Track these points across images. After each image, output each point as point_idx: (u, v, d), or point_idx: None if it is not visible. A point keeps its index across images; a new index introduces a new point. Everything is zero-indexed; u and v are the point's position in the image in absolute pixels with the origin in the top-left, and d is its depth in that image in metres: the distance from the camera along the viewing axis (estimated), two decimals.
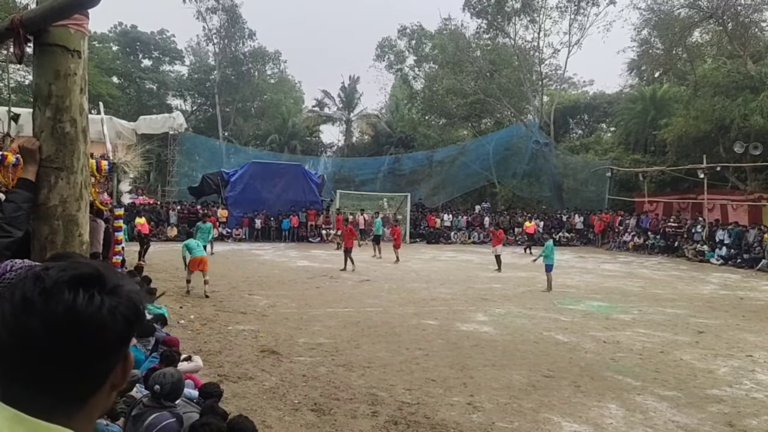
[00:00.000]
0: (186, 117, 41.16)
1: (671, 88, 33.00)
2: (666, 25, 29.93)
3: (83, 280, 0.88)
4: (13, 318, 0.86)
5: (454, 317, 10.73)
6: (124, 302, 0.90)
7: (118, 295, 0.90)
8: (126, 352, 0.95)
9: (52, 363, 0.85)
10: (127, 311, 0.90)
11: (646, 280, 17.03)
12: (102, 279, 0.90)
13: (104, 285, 0.89)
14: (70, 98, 2.21)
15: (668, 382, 7.07)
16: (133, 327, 0.92)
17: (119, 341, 0.91)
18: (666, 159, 29.90)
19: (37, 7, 2.11)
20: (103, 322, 0.86)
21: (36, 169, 2.23)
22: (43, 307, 0.85)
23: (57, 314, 0.84)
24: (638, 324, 10.60)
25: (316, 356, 7.81)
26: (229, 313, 10.55)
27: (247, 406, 5.81)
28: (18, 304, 0.86)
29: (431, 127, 41.53)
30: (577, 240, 30.82)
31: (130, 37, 49.34)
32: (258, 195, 28.30)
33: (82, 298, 0.86)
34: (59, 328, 0.84)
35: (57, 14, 2.01)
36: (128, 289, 0.92)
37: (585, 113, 42.93)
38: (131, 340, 0.95)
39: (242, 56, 47.07)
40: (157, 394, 3.38)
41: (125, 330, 0.90)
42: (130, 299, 0.91)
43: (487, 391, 6.54)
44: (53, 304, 0.85)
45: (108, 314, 0.87)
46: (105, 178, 10.08)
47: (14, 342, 0.85)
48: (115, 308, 0.88)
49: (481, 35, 38.51)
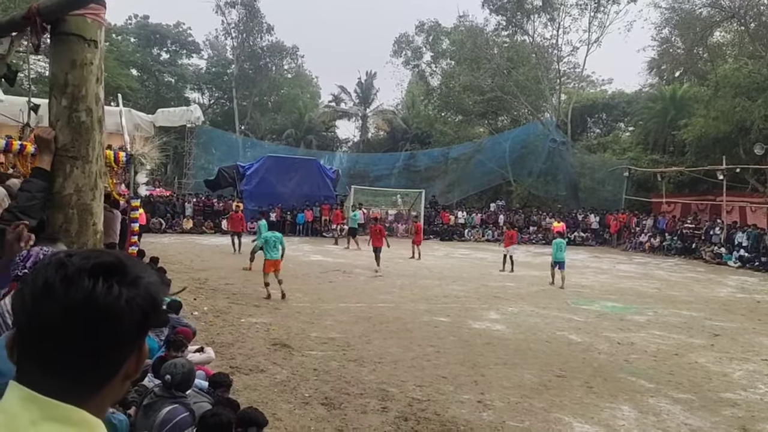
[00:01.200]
0: (203, 110, 41.38)
1: (691, 88, 32.56)
2: (687, 25, 29.52)
3: (104, 269, 0.89)
4: (32, 301, 0.88)
5: (467, 315, 10.70)
6: (142, 294, 0.91)
7: (137, 287, 0.91)
8: (141, 344, 0.96)
9: (67, 349, 0.87)
10: (144, 303, 0.91)
11: (662, 282, 16.85)
12: (123, 269, 0.91)
13: (125, 275, 0.90)
14: (86, 87, 2.22)
15: (682, 384, 6.99)
16: (150, 319, 0.93)
17: (135, 332, 0.92)
18: (685, 160, 29.54)
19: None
20: (120, 313, 0.88)
21: (51, 159, 2.25)
22: (63, 294, 0.86)
23: (75, 301, 0.86)
24: (653, 326, 10.49)
25: (328, 350, 7.83)
26: (243, 305, 10.60)
27: (258, 399, 5.84)
28: (39, 289, 0.88)
29: (447, 124, 41.38)
30: (593, 240, 30.55)
31: (148, 30, 49.67)
32: (273, 189, 28.37)
33: (101, 287, 0.87)
34: (77, 315, 0.86)
35: (73, 3, 2.02)
36: (148, 282, 0.93)
37: (603, 112, 42.52)
38: (147, 332, 0.97)
39: (260, 50, 47.20)
40: (168, 383, 3.41)
41: (141, 321, 0.91)
42: (149, 291, 0.92)
43: (498, 390, 6.51)
44: (73, 291, 0.86)
45: (125, 305, 0.88)
46: (122, 170, 10.17)
47: (32, 325, 0.88)
48: (132, 299, 0.89)
49: (500, 32, 38.27)
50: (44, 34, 2.11)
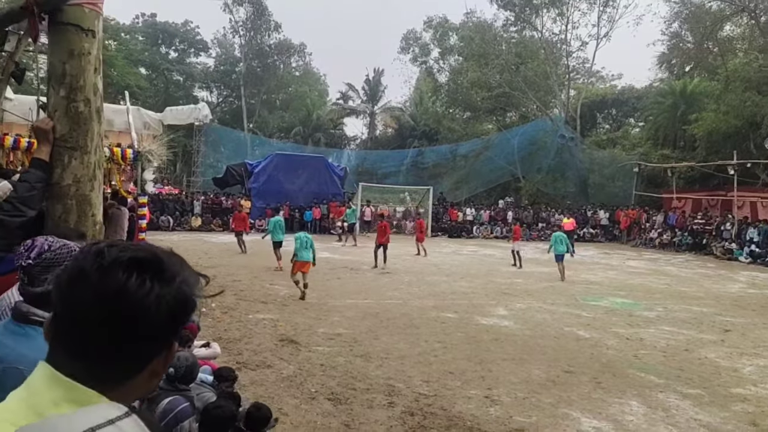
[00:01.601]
0: (212, 108, 41.52)
1: (702, 82, 32.30)
2: (697, 19, 29.30)
3: (140, 263, 0.90)
4: (67, 287, 0.91)
5: (474, 311, 10.66)
6: (173, 292, 0.91)
7: (170, 285, 0.91)
8: (170, 343, 0.97)
9: (95, 336, 0.89)
10: (174, 302, 0.91)
11: (672, 278, 16.72)
12: (159, 265, 0.92)
13: (160, 272, 0.91)
14: (84, 78, 2.21)
15: (692, 380, 6.92)
16: (178, 319, 0.94)
17: (163, 330, 0.93)
18: (695, 155, 29.32)
19: None
20: (148, 308, 0.88)
21: (49, 149, 2.24)
22: (96, 283, 0.88)
23: (107, 292, 0.87)
24: (663, 321, 10.40)
25: (335, 346, 7.82)
26: (250, 302, 10.62)
27: (264, 394, 5.84)
28: (75, 275, 0.90)
29: (455, 121, 41.28)
30: (602, 236, 30.39)
31: (156, 29, 49.87)
32: (281, 186, 28.44)
33: (134, 281, 0.88)
34: (107, 305, 0.88)
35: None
36: (182, 281, 0.94)
37: (613, 107, 42.27)
38: (177, 333, 0.97)
39: (268, 48, 47.29)
40: (171, 377, 3.41)
41: (170, 319, 0.92)
42: (181, 290, 0.93)
43: (506, 385, 6.48)
44: (106, 281, 0.88)
45: (155, 301, 0.89)
46: (130, 167, 10.21)
47: (65, 310, 0.91)
48: (162, 297, 0.90)
49: (508, 28, 38.12)
50: (41, 23, 2.11)
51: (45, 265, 1.80)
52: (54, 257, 1.80)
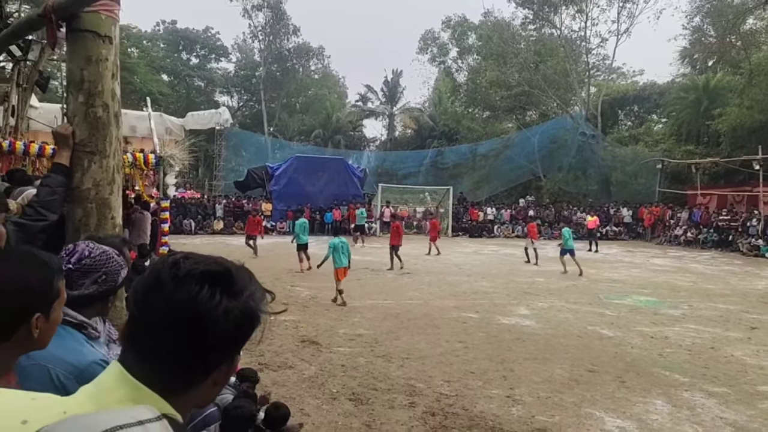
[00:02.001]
0: (233, 113, 41.98)
1: (725, 77, 31.72)
2: (719, 12, 28.81)
3: (212, 276, 0.95)
4: (143, 294, 0.95)
5: (495, 310, 10.60)
6: (240, 306, 0.95)
7: (237, 299, 0.95)
8: (234, 354, 1.00)
9: (164, 342, 0.93)
10: (241, 315, 0.95)
11: (698, 275, 16.45)
12: (229, 279, 0.96)
13: (229, 286, 0.95)
14: (102, 83, 2.25)
15: (717, 378, 6.81)
16: (243, 332, 0.97)
17: (228, 341, 0.96)
18: (720, 150, 28.81)
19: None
20: (216, 320, 0.92)
21: (69, 154, 2.29)
22: (170, 291, 0.93)
23: (179, 301, 0.92)
24: (688, 319, 10.24)
25: (356, 347, 7.84)
26: (271, 303, 10.67)
27: (286, 394, 5.87)
28: (151, 283, 0.95)
29: (475, 120, 41.10)
30: (626, 234, 30.01)
31: (177, 35, 50.52)
32: (301, 189, 28.60)
33: (205, 293, 0.92)
34: (177, 313, 0.92)
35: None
36: (249, 296, 0.97)
37: (635, 104, 41.71)
38: (241, 346, 1.01)
39: (287, 52, 47.65)
40: None
41: (234, 332, 0.95)
42: (247, 305, 0.96)
43: (528, 385, 6.43)
44: (179, 291, 0.92)
45: (222, 314, 0.92)
46: (153, 172, 10.36)
47: (139, 315, 0.96)
48: (230, 310, 0.93)
49: (527, 26, 37.86)
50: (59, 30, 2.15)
51: (84, 271, 1.86)
52: (93, 263, 1.86)
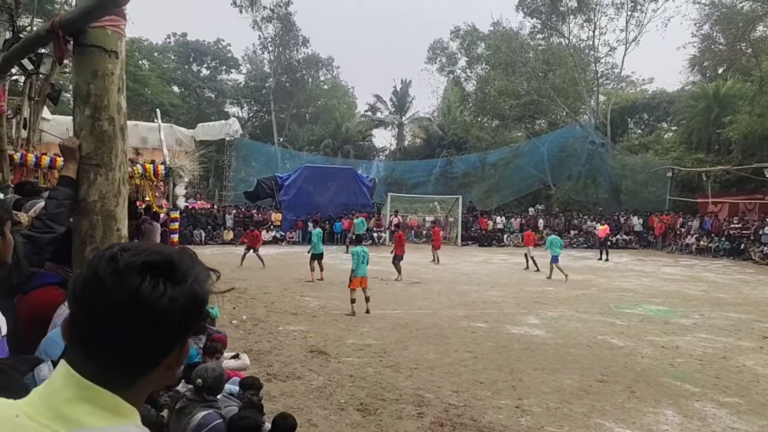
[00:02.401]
0: (243, 124, 42.30)
1: (735, 84, 31.54)
2: (728, 20, 28.71)
3: (153, 267, 0.92)
4: (82, 291, 0.92)
5: (505, 320, 10.56)
6: (185, 293, 0.92)
7: (181, 286, 0.92)
8: (184, 339, 0.98)
9: (109, 338, 0.90)
10: (187, 303, 0.92)
11: (709, 284, 16.31)
12: (171, 268, 0.93)
13: (172, 274, 0.92)
14: (108, 97, 2.29)
15: (729, 388, 6.74)
16: (192, 318, 0.95)
17: (177, 329, 0.94)
18: (731, 158, 28.60)
19: (74, 8, 2.20)
20: (162, 311, 0.90)
21: (76, 167, 2.33)
22: (110, 287, 0.89)
23: (121, 296, 0.89)
24: (699, 329, 10.15)
25: (364, 357, 7.83)
26: (280, 313, 10.71)
27: (294, 405, 5.87)
28: (89, 280, 0.92)
29: (484, 129, 41.11)
30: (636, 243, 29.82)
31: (188, 48, 51.06)
32: (311, 198, 28.68)
33: (147, 285, 0.90)
34: (121, 308, 0.89)
35: (92, 14, 2.08)
36: (194, 280, 0.95)
37: (644, 112, 41.52)
38: (191, 330, 0.99)
39: (296, 63, 47.97)
40: (199, 387, 3.46)
41: (183, 320, 0.93)
42: (193, 291, 0.94)
43: (537, 395, 6.39)
44: (120, 285, 0.89)
45: (168, 303, 0.90)
46: (162, 183, 10.45)
47: (80, 311, 0.93)
48: (176, 299, 0.91)
49: (535, 35, 37.90)
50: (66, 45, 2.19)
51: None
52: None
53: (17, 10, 7.29)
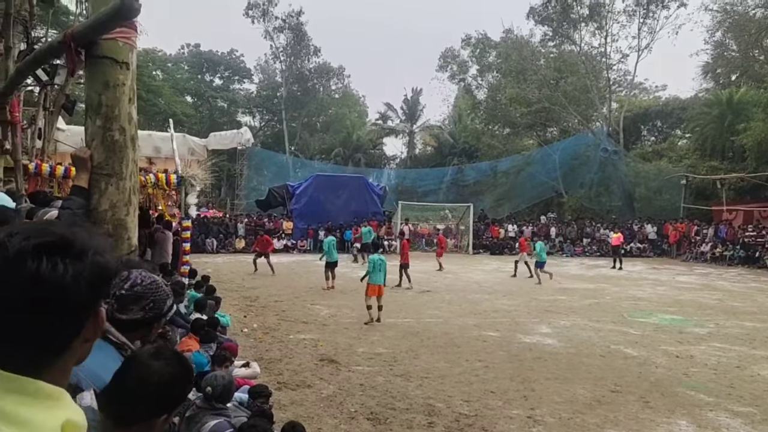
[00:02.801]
0: (254, 133, 42.51)
1: (749, 91, 31.27)
2: (741, 27, 28.55)
3: (47, 247, 0.89)
4: None
5: (516, 329, 10.49)
6: (88, 267, 0.91)
7: (83, 261, 0.91)
8: (96, 310, 0.97)
9: (18, 323, 0.87)
10: (92, 276, 0.91)
11: (724, 293, 16.13)
12: (67, 245, 0.91)
13: (69, 251, 0.91)
14: (119, 108, 2.32)
15: (743, 398, 6.65)
16: (99, 288, 0.94)
17: (85, 304, 0.93)
18: (745, 165, 28.32)
19: (86, 21, 2.23)
20: (67, 289, 0.88)
21: (88, 177, 2.35)
22: (7, 275, 0.86)
23: (21, 282, 0.86)
24: (714, 338, 10.03)
25: (374, 366, 7.80)
26: (291, 322, 10.72)
27: (304, 414, 5.86)
28: None
29: (495, 137, 41.02)
30: (650, 251, 29.56)
31: (201, 58, 51.54)
32: (322, 207, 28.75)
33: (46, 267, 0.87)
34: (24, 293, 0.86)
35: (103, 26, 2.11)
36: (94, 252, 0.93)
37: (657, 119, 41.24)
38: (100, 300, 0.98)
39: (308, 72, 48.24)
40: (208, 396, 3.47)
41: (89, 293, 0.92)
42: (95, 263, 0.93)
43: (549, 405, 6.34)
44: (15, 272, 0.86)
45: (72, 280, 0.88)
46: (175, 192, 10.53)
47: None
48: (79, 274, 0.89)
49: (546, 43, 37.85)
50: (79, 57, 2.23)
51: (134, 297, 1.95)
52: (143, 291, 1.96)
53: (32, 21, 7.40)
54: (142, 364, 1.59)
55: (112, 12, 1.97)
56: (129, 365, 1.63)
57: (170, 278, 7.83)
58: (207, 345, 6.08)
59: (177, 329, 6.44)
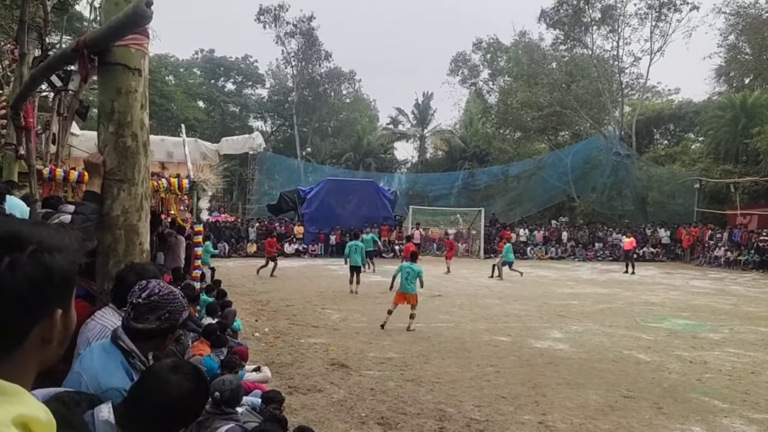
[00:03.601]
0: (266, 137, 42.74)
1: (762, 94, 31.02)
2: (754, 30, 28.35)
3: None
4: None
5: (528, 334, 10.44)
6: (29, 263, 0.91)
7: (21, 253, 0.91)
8: (52, 310, 0.96)
9: None
10: (34, 273, 0.91)
11: (739, 297, 15.96)
12: (11, 239, 0.92)
13: (11, 244, 0.91)
14: (131, 114, 2.34)
15: (758, 404, 6.56)
16: (45, 288, 0.93)
17: (29, 297, 0.92)
18: (759, 169, 28.08)
19: (99, 28, 2.25)
20: (4, 280, 0.88)
21: (101, 182, 2.38)
22: None
23: None
24: (728, 343, 9.92)
25: (385, 370, 7.79)
26: (302, 326, 10.73)
27: (315, 418, 5.87)
28: None
29: (506, 141, 40.95)
30: (663, 255, 29.31)
31: (214, 63, 51.89)
32: (333, 211, 28.78)
33: None
34: None
35: (115, 34, 2.14)
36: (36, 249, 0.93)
37: (670, 123, 40.99)
38: (52, 300, 0.97)
39: (319, 77, 48.46)
40: (217, 400, 3.48)
41: (32, 290, 0.91)
42: (39, 260, 0.92)
43: (561, 411, 6.29)
44: None
45: (8, 272, 0.89)
46: (187, 196, 10.59)
47: None
48: (18, 267, 0.90)
49: (558, 46, 37.76)
50: (92, 64, 2.25)
51: (151, 306, 1.99)
52: (160, 300, 2.00)
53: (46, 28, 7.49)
54: (161, 379, 1.59)
55: (124, 19, 1.99)
56: (147, 379, 1.64)
57: (182, 282, 7.87)
58: (218, 349, 6.10)
59: (189, 333, 6.47)
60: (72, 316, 1.02)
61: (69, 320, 1.01)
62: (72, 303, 1.03)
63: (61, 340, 1.01)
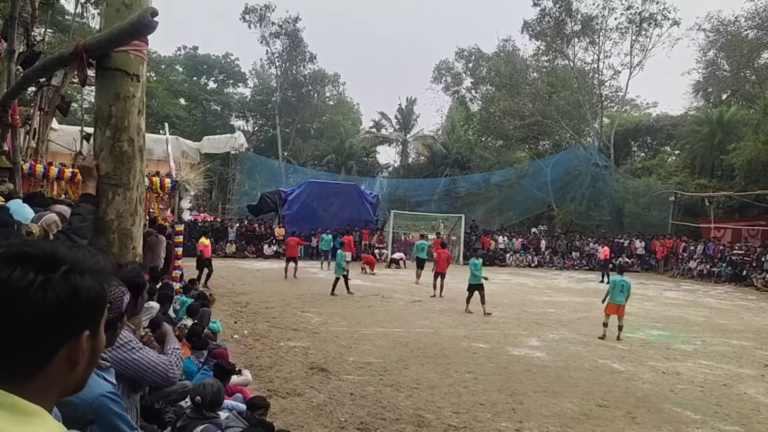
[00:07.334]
0: (248, 137, 42.50)
1: (739, 110, 31.69)
2: (733, 47, 28.98)
3: (24, 257, 0.92)
4: None
5: (506, 341, 10.55)
6: (58, 281, 0.92)
7: (54, 273, 0.92)
8: (80, 331, 0.97)
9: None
10: (61, 290, 0.92)
11: (711, 310, 16.27)
12: (44, 258, 0.93)
13: (44, 264, 0.92)
14: (128, 119, 2.36)
15: (730, 416, 6.72)
16: (73, 305, 0.94)
17: (57, 317, 0.93)
18: (734, 184, 28.66)
19: (100, 34, 2.27)
20: (33, 298, 0.89)
21: (96, 184, 2.39)
22: None
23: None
24: (700, 355, 10.13)
25: (365, 375, 7.82)
26: (282, 329, 10.71)
27: (294, 422, 5.87)
28: None
29: (488, 149, 41.26)
30: (638, 266, 29.74)
31: (196, 61, 51.49)
32: (314, 214, 28.71)
33: (17, 274, 0.90)
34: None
35: (117, 41, 2.16)
36: (68, 270, 0.94)
37: (648, 135, 41.65)
38: (82, 322, 0.98)
39: (303, 79, 48.31)
40: (198, 405, 3.48)
41: (60, 307, 0.92)
42: (68, 278, 0.93)
43: (537, 418, 6.39)
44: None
45: (39, 291, 0.90)
46: (168, 195, 10.53)
47: None
48: (48, 287, 0.91)
49: (539, 57, 38.18)
50: (90, 68, 2.26)
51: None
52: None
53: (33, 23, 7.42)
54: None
55: (129, 28, 2.01)
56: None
57: (159, 282, 7.82)
58: (198, 352, 6.08)
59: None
60: (101, 340, 1.02)
61: (97, 343, 1.02)
62: (101, 326, 1.03)
63: (87, 362, 1.01)
